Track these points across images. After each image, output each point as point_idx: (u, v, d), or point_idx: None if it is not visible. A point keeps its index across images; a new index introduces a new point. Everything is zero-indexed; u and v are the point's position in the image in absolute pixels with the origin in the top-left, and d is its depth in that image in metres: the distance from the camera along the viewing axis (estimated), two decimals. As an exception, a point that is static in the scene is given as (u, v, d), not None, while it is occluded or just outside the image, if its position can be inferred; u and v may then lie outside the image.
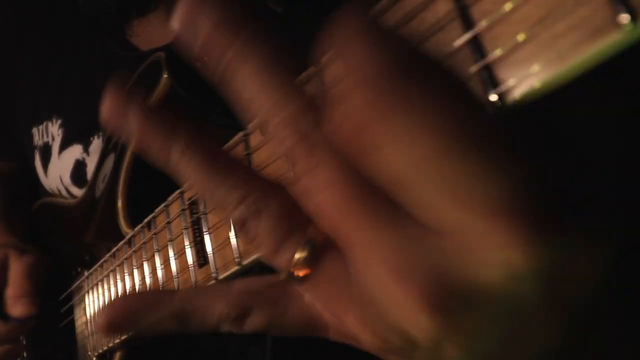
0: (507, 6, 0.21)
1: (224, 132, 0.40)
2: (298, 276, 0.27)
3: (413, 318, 0.22)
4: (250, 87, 0.24)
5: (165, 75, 0.55)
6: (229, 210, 0.27)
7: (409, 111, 0.20)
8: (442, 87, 0.22)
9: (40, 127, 0.82)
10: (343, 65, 0.22)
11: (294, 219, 0.26)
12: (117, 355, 0.64)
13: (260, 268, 0.40)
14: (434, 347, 0.23)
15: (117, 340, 0.60)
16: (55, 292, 0.82)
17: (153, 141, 0.27)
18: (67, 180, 0.77)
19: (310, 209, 0.25)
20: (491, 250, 0.20)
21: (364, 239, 0.23)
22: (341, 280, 0.25)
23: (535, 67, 0.21)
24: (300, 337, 0.30)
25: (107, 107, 0.28)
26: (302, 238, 0.26)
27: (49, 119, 0.81)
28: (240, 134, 0.37)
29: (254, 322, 0.29)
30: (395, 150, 0.21)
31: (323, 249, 0.26)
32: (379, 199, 0.23)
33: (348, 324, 0.26)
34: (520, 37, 0.21)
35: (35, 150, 0.84)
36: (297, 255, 0.26)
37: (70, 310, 0.76)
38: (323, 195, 0.24)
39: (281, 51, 0.25)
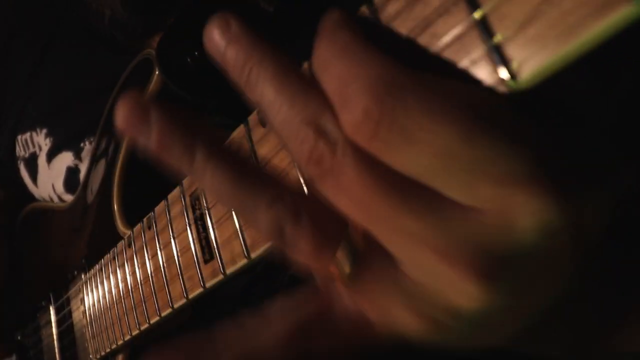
0: (513, -15, 0.22)
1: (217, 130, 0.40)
2: (342, 279, 0.26)
3: (465, 292, 0.23)
4: (269, 91, 0.25)
5: (157, 72, 0.54)
6: (262, 215, 0.26)
7: (423, 103, 0.22)
8: (448, 75, 0.23)
9: (24, 136, 0.81)
10: (347, 68, 0.24)
11: (332, 219, 0.26)
12: (120, 357, 0.64)
13: (265, 263, 0.41)
14: (485, 316, 0.24)
15: (121, 342, 0.60)
16: (50, 298, 0.81)
17: (174, 148, 0.26)
18: (60, 188, 0.76)
19: (342, 207, 0.25)
20: (531, 215, 0.22)
21: (404, 228, 0.23)
22: (386, 273, 0.25)
23: (545, 45, 0.21)
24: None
25: (123, 112, 0.26)
26: (341, 239, 0.26)
27: (33, 128, 0.79)
28: (242, 128, 0.37)
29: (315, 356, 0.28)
30: (421, 143, 0.22)
31: (364, 247, 0.25)
32: (410, 185, 0.23)
33: (396, 316, 0.26)
34: (527, 15, 0.21)
35: (19, 161, 0.83)
36: (340, 258, 0.25)
37: (69, 315, 0.76)
38: (354, 192, 0.24)
39: (292, 59, 0.26)
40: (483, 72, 0.23)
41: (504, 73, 0.22)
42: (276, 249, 0.27)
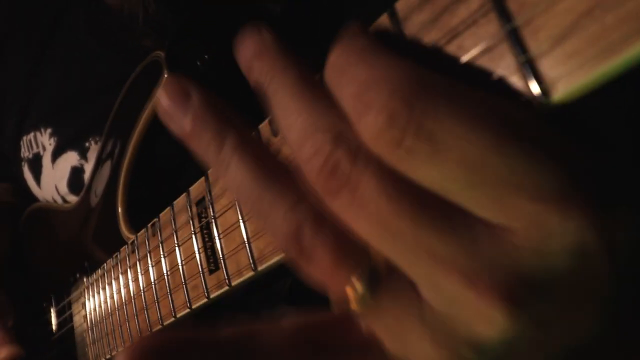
0: (549, -3, 0.20)
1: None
2: (359, 301, 0.24)
3: (490, 319, 0.21)
4: (287, 99, 0.25)
5: (165, 75, 0.53)
6: (281, 217, 0.24)
7: (455, 108, 0.20)
8: (480, 84, 0.22)
9: (28, 137, 0.80)
10: (367, 71, 0.22)
11: (354, 236, 0.23)
12: (121, 363, 0.63)
13: (274, 276, 0.39)
14: (508, 348, 0.22)
15: (121, 349, 0.59)
16: (51, 300, 0.80)
17: (205, 134, 0.25)
18: (63, 189, 0.75)
19: (359, 227, 0.22)
20: (567, 235, 0.21)
21: (429, 250, 0.21)
22: (407, 300, 0.23)
23: (582, 62, 0.20)
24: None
25: (167, 93, 0.26)
26: (363, 256, 0.23)
27: (37, 128, 0.78)
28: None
29: None
30: (451, 152, 0.20)
31: (386, 269, 0.23)
32: (436, 202, 0.21)
33: (413, 346, 0.24)
34: (563, 29, 0.20)
35: (23, 163, 0.82)
36: (358, 278, 0.23)
37: (70, 318, 0.75)
38: (373, 208, 0.21)
39: (308, 70, 0.25)
40: (513, 89, 0.22)
41: (535, 89, 0.21)
42: (288, 258, 0.25)
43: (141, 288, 0.53)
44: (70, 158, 0.73)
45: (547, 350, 0.25)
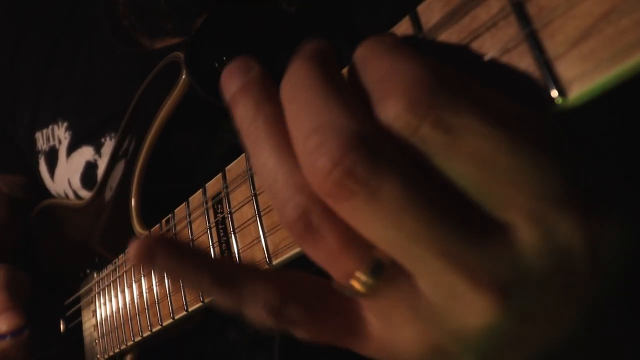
0: (567, 1, 0.21)
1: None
2: (360, 287, 0.24)
3: (481, 313, 0.22)
4: (299, 95, 0.24)
5: (184, 75, 0.54)
6: (290, 194, 0.24)
7: (474, 104, 0.21)
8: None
9: (45, 130, 0.81)
10: (391, 62, 0.23)
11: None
12: (129, 357, 0.64)
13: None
14: (490, 340, 0.23)
15: (130, 343, 0.59)
16: (60, 294, 0.81)
17: (246, 102, 0.25)
18: (76, 183, 0.76)
19: (369, 230, 0.22)
20: (561, 235, 0.22)
21: (440, 251, 0.22)
22: (406, 291, 0.24)
23: (598, 64, 0.21)
24: (308, 344, 0.28)
25: (236, 61, 0.26)
26: (369, 247, 0.23)
27: (55, 122, 0.79)
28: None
29: (293, 315, 0.26)
30: (465, 146, 0.21)
31: (389, 263, 0.24)
32: (450, 205, 0.22)
33: (400, 331, 0.25)
34: (581, 32, 0.21)
35: (40, 155, 0.83)
36: (363, 265, 0.24)
37: (78, 313, 0.75)
38: (391, 211, 0.21)
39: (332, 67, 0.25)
40: (531, 88, 0.23)
41: (553, 90, 0.22)
42: (295, 239, 0.25)
43: (153, 282, 0.53)
44: (86, 153, 0.73)
45: (526, 347, 0.25)
